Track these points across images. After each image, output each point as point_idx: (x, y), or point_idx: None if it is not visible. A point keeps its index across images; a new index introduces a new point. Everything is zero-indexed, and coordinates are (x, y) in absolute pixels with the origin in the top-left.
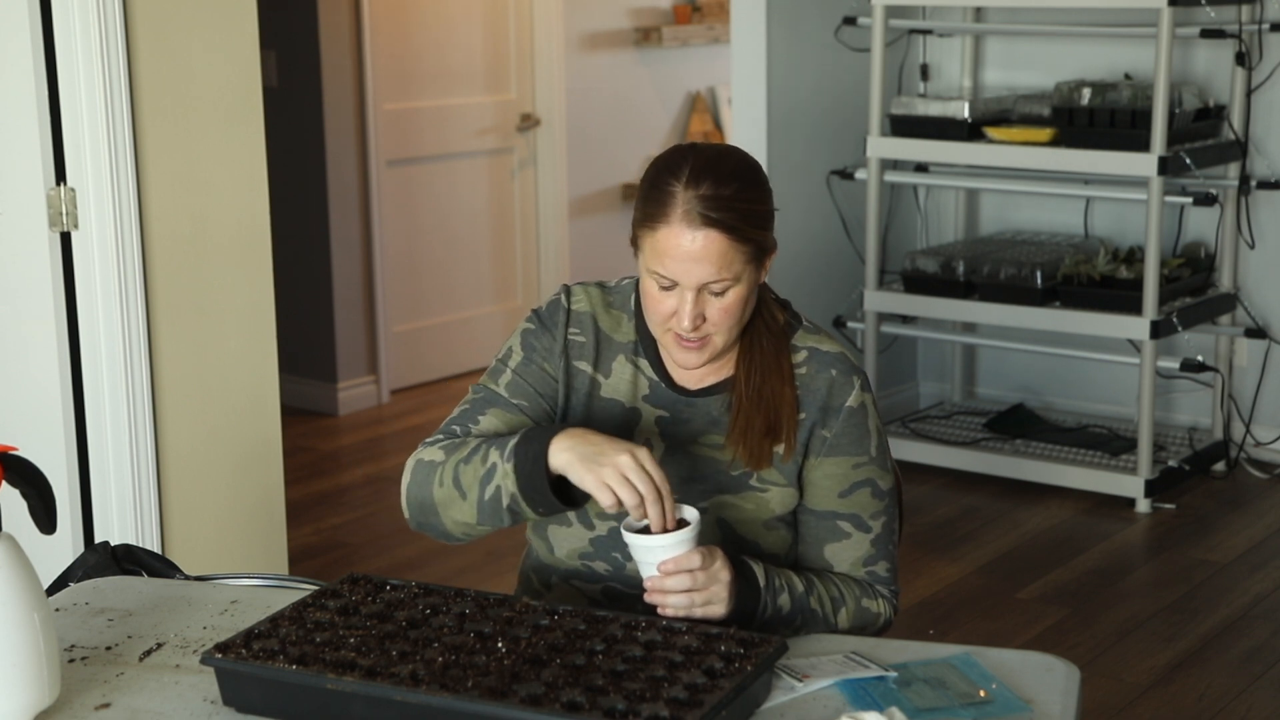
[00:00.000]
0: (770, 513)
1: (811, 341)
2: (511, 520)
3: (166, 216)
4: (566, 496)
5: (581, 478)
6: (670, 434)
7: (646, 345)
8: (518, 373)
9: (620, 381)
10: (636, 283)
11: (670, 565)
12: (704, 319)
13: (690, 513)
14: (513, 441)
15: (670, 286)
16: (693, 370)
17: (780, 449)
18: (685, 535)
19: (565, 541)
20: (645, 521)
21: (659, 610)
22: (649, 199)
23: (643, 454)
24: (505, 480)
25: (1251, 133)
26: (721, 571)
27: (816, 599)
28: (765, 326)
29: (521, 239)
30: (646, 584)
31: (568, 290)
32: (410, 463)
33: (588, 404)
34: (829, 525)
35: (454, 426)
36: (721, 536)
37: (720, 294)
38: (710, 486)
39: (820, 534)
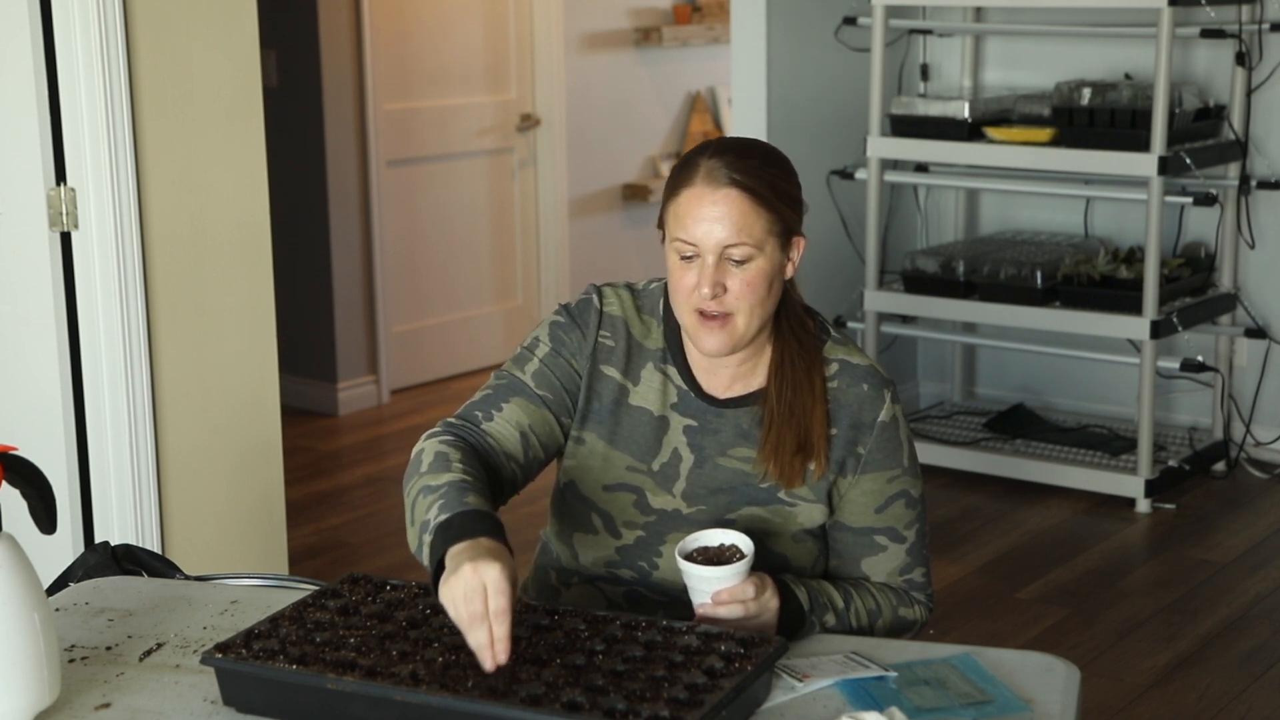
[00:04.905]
0: (798, 526)
1: (841, 354)
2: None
3: (166, 216)
4: None
5: (442, 591)
6: (698, 444)
7: (675, 353)
8: (545, 364)
9: (649, 390)
10: (664, 286)
11: (725, 595)
12: (725, 290)
13: (745, 544)
14: (445, 516)
15: (692, 256)
16: (719, 368)
17: (812, 466)
18: (740, 567)
19: (591, 550)
20: (698, 544)
21: None
22: (675, 175)
23: (490, 579)
24: (425, 549)
25: (1251, 133)
26: (771, 600)
27: (854, 615)
28: (796, 337)
29: (521, 239)
30: (698, 610)
31: (599, 291)
32: (417, 445)
33: (615, 411)
34: (866, 541)
35: (476, 411)
36: None
37: (741, 263)
38: (738, 498)
39: (857, 550)
